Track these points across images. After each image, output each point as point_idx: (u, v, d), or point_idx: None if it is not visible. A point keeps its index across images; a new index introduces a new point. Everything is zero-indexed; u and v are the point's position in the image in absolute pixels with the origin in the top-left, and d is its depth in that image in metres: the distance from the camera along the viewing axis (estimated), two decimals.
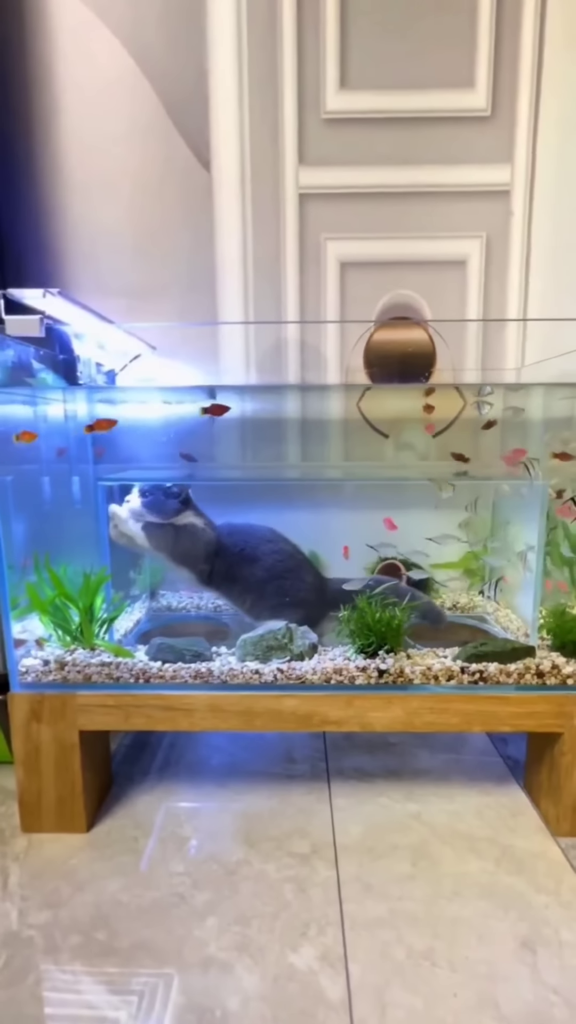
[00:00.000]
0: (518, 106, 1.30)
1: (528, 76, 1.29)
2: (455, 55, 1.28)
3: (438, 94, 1.30)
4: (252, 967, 0.72)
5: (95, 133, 1.31)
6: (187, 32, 1.28)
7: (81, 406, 1.14)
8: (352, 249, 1.36)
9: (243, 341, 1.41)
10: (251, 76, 1.30)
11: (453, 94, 1.30)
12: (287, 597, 1.07)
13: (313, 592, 1.10)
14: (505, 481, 1.14)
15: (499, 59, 1.28)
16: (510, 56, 1.28)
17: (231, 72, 1.30)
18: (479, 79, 1.30)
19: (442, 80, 1.29)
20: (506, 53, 1.28)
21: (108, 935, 0.77)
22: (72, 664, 0.94)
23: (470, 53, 1.28)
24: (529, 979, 0.70)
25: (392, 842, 0.93)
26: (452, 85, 1.30)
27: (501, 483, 1.13)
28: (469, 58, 1.28)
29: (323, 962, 0.73)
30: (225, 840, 0.94)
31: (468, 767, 1.13)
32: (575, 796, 0.93)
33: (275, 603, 1.07)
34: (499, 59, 1.28)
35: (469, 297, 1.38)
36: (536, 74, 1.29)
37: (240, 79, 1.30)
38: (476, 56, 1.28)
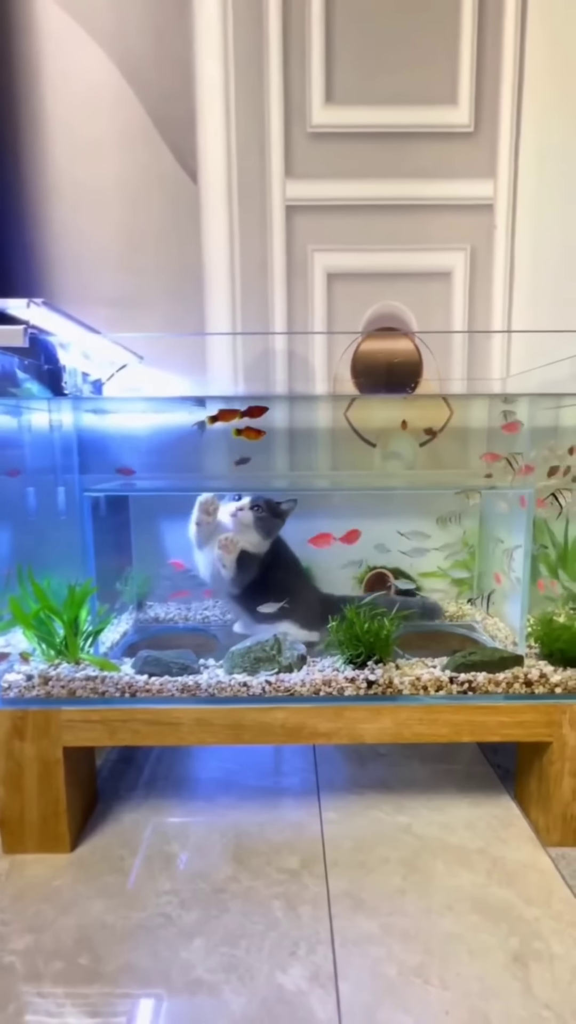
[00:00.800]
0: (500, 123, 1.33)
1: (509, 94, 1.32)
2: (438, 72, 1.31)
3: (422, 110, 1.32)
4: (240, 989, 0.70)
5: (80, 142, 1.31)
6: (173, 44, 1.29)
7: (67, 416, 1.12)
8: (339, 260, 1.37)
9: (231, 351, 1.41)
10: (237, 89, 1.31)
11: (436, 110, 1.32)
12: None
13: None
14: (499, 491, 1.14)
15: (481, 77, 1.31)
16: (492, 74, 1.31)
17: (217, 85, 1.31)
18: (462, 96, 1.32)
19: (426, 96, 1.32)
20: (488, 71, 1.31)
21: (92, 959, 0.74)
22: (56, 679, 0.93)
23: (452, 71, 1.31)
24: (521, 994, 0.70)
25: (383, 855, 0.92)
26: (435, 101, 1.32)
27: (499, 500, 1.13)
28: (452, 75, 1.31)
29: (313, 982, 0.71)
30: (213, 857, 0.92)
31: (458, 777, 1.13)
32: (564, 805, 0.93)
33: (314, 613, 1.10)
34: (481, 77, 1.31)
35: (454, 308, 1.40)
36: (517, 92, 1.32)
37: (226, 92, 1.31)
38: (458, 73, 1.31)
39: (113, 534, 1.27)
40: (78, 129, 1.31)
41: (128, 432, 1.25)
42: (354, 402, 1.31)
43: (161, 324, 1.37)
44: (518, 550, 1.04)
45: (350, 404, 1.30)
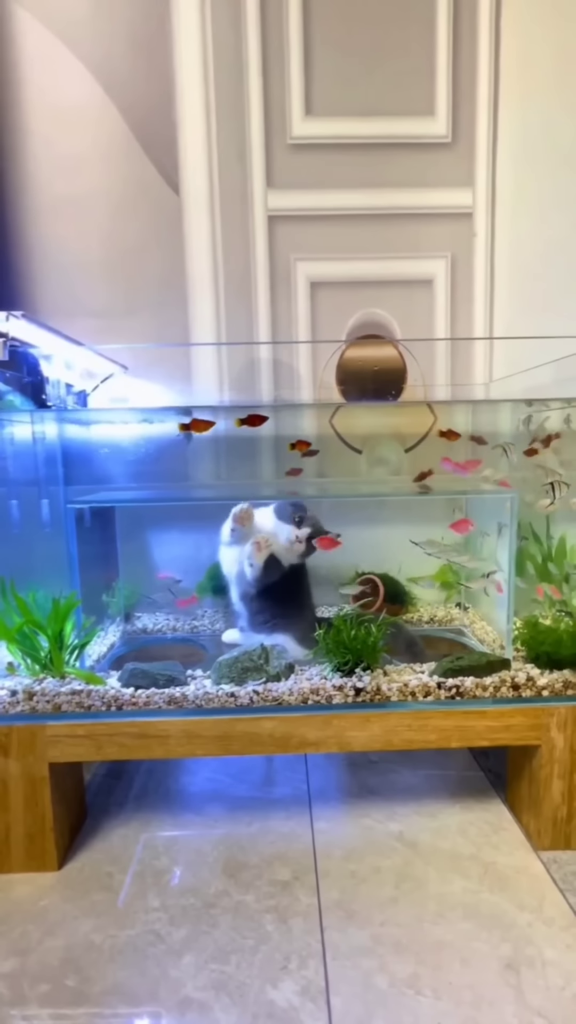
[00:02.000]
0: (477, 133, 1.36)
1: (485, 104, 1.34)
2: (415, 84, 1.33)
3: (400, 121, 1.34)
4: (230, 1007, 0.69)
5: (62, 156, 1.32)
6: (153, 58, 1.30)
7: (50, 428, 1.12)
8: (321, 269, 1.38)
9: (216, 360, 1.41)
10: (218, 102, 1.32)
11: (414, 121, 1.35)
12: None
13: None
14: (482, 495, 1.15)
15: (457, 88, 1.33)
16: (467, 85, 1.33)
17: (198, 98, 1.32)
18: (439, 107, 1.34)
19: (403, 108, 1.34)
20: (464, 82, 1.33)
21: (79, 980, 0.73)
22: (41, 694, 0.91)
23: (429, 82, 1.33)
24: (513, 1002, 0.69)
25: (375, 865, 0.92)
26: (413, 112, 1.34)
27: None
28: (429, 87, 1.33)
29: (304, 997, 0.70)
30: (203, 871, 0.91)
31: (450, 783, 1.13)
32: (555, 808, 0.93)
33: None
34: (457, 88, 1.33)
35: (437, 315, 1.42)
36: (493, 102, 1.34)
37: (207, 105, 1.32)
38: (435, 85, 1.33)
39: (99, 546, 1.26)
40: (60, 143, 1.31)
41: (113, 443, 1.25)
42: (339, 409, 1.31)
43: (145, 335, 1.37)
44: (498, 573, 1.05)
45: (335, 411, 1.31)
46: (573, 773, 0.92)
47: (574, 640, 0.95)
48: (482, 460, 1.13)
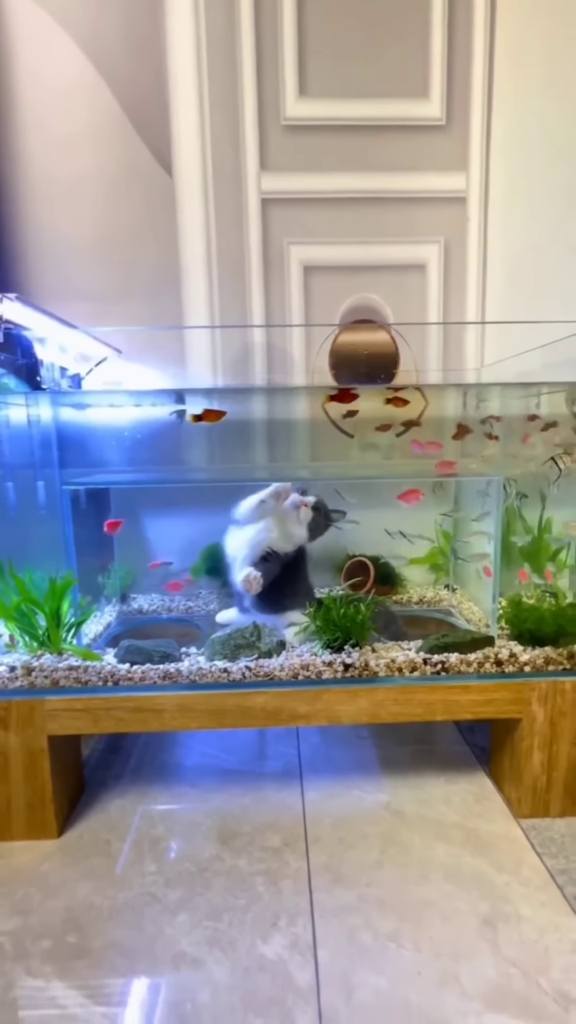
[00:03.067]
0: (471, 117, 1.35)
1: (480, 88, 1.34)
2: (410, 66, 1.32)
3: (394, 103, 1.34)
4: (223, 960, 0.73)
5: (54, 137, 1.31)
6: (146, 38, 1.29)
7: (45, 411, 1.13)
8: (315, 254, 1.39)
9: (210, 344, 1.42)
10: (211, 83, 1.31)
11: (409, 103, 1.34)
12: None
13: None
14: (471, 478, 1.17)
15: (452, 71, 1.33)
16: (462, 68, 1.33)
17: (191, 79, 1.31)
18: (433, 90, 1.34)
19: (398, 90, 1.33)
20: (458, 65, 1.32)
21: (79, 937, 0.77)
22: (39, 669, 0.94)
23: (424, 64, 1.32)
24: (490, 954, 0.73)
25: (362, 831, 0.96)
26: (408, 95, 1.34)
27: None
28: (423, 69, 1.33)
29: (292, 950, 0.74)
30: (198, 838, 0.95)
31: (437, 756, 1.17)
32: (534, 778, 0.97)
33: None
34: (452, 71, 1.33)
35: (429, 300, 1.43)
36: (487, 87, 1.34)
37: (200, 86, 1.31)
38: (430, 67, 1.33)
39: (94, 528, 1.28)
40: (52, 123, 1.30)
41: (108, 426, 1.26)
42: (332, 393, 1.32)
43: (139, 318, 1.38)
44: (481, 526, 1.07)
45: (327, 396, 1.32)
46: (552, 745, 0.96)
47: (556, 618, 0.98)
48: (442, 444, 1.15)
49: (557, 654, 0.97)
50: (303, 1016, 0.66)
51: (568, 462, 1.05)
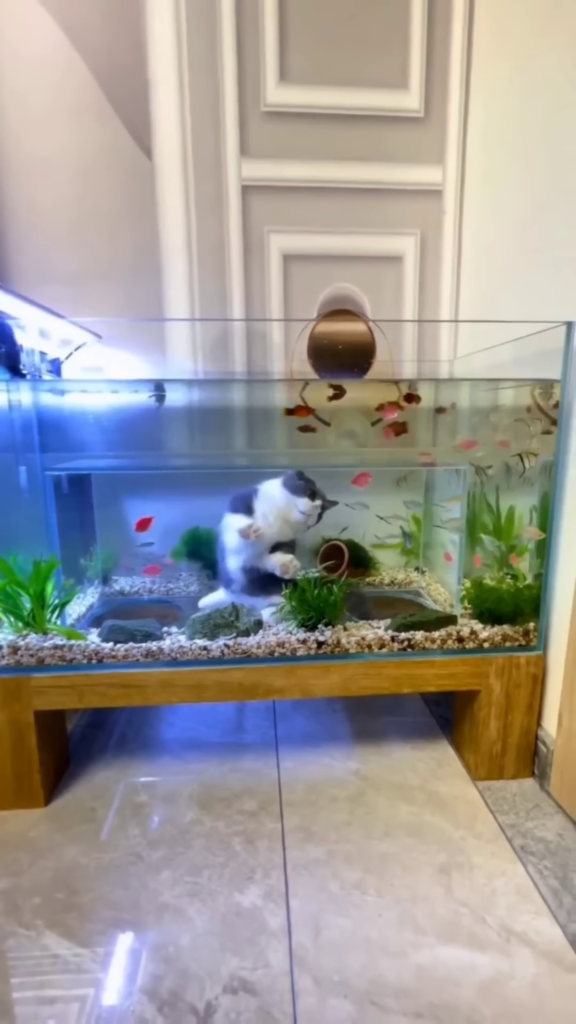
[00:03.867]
0: (449, 110, 1.38)
1: (457, 81, 1.36)
2: (390, 56, 1.33)
3: (374, 93, 1.35)
4: (202, 909, 0.80)
5: (29, 112, 1.28)
6: (124, 14, 1.27)
7: (26, 396, 1.14)
8: (294, 242, 1.41)
9: (190, 330, 1.43)
10: (191, 64, 1.30)
11: (388, 94, 1.36)
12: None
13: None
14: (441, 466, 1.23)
15: (431, 63, 1.34)
16: (441, 61, 1.35)
17: (170, 59, 1.30)
18: (412, 81, 1.36)
19: (378, 80, 1.34)
20: (437, 58, 1.34)
21: (68, 894, 0.83)
22: (25, 648, 0.98)
23: (404, 55, 1.34)
24: (443, 897, 0.82)
25: (332, 795, 1.03)
26: (387, 85, 1.35)
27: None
28: (403, 60, 1.34)
29: (267, 899, 0.82)
30: (179, 804, 1.01)
31: (404, 727, 1.25)
32: (491, 744, 1.06)
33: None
34: (431, 63, 1.34)
35: (406, 291, 1.46)
36: (465, 80, 1.36)
37: (180, 66, 1.30)
38: (409, 59, 1.34)
39: (76, 512, 1.31)
40: (26, 98, 1.28)
41: (88, 411, 1.28)
42: (309, 383, 1.36)
43: (118, 303, 1.38)
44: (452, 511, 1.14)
45: (305, 385, 1.36)
46: (507, 714, 1.05)
47: (513, 598, 1.05)
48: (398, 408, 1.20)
49: (514, 631, 1.05)
50: (275, 954, 0.73)
51: (533, 461, 1.12)
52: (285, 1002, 0.67)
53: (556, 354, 1.00)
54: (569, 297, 1.01)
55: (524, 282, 1.21)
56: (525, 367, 1.17)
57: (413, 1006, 0.67)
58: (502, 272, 1.34)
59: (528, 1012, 0.66)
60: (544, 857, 0.89)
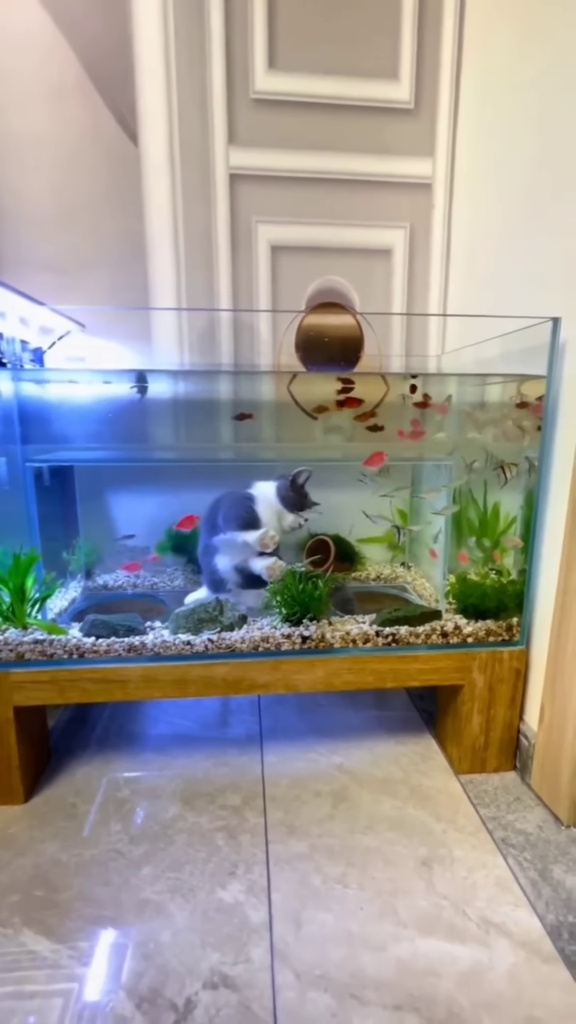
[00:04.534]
0: (439, 102, 1.37)
1: (448, 73, 1.35)
2: (380, 45, 1.32)
3: (364, 83, 1.33)
4: (184, 905, 0.80)
5: (9, 93, 1.25)
6: None
7: (6, 385, 1.12)
8: (282, 233, 1.39)
9: (176, 321, 1.41)
10: (178, 47, 1.27)
11: (379, 84, 1.34)
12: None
13: None
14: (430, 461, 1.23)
15: (422, 54, 1.33)
16: (432, 52, 1.33)
17: (157, 41, 1.27)
18: (403, 72, 1.34)
19: (368, 69, 1.33)
20: (428, 48, 1.33)
21: (47, 891, 0.82)
22: (4, 643, 0.96)
23: (394, 46, 1.32)
24: (424, 890, 0.82)
25: (316, 789, 1.03)
26: (378, 75, 1.33)
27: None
28: (394, 50, 1.32)
29: (249, 894, 0.81)
30: (162, 800, 1.00)
31: (388, 722, 1.25)
32: (473, 739, 1.06)
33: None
34: (422, 54, 1.33)
35: (394, 285, 1.46)
36: (456, 72, 1.35)
37: (166, 49, 1.27)
38: (400, 48, 1.32)
39: (58, 505, 1.28)
40: (6, 80, 1.24)
41: (71, 402, 1.25)
42: (296, 376, 1.35)
43: (103, 290, 1.36)
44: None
45: (292, 378, 1.34)
46: (490, 708, 1.05)
47: (497, 593, 1.06)
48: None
49: (497, 626, 1.05)
50: (256, 949, 0.73)
51: (513, 472, 1.13)
52: (265, 997, 0.67)
53: (543, 350, 1.00)
54: (557, 293, 1.01)
55: (512, 277, 1.21)
56: (512, 363, 1.17)
57: (392, 998, 0.67)
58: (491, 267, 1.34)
59: (506, 1002, 0.67)
60: (524, 849, 0.90)
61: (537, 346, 1.02)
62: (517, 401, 1.14)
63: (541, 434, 1.00)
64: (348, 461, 1.44)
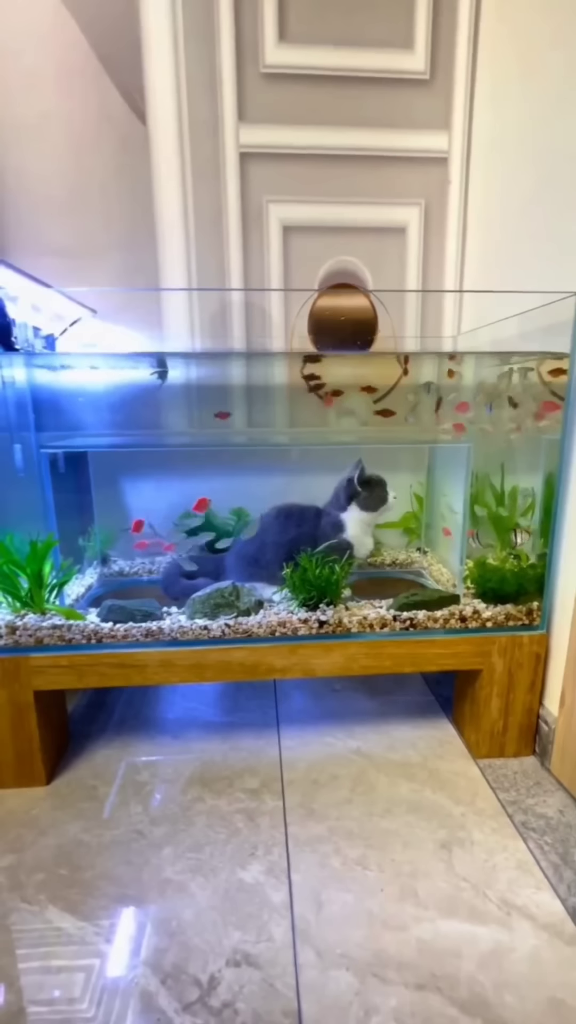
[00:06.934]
0: (455, 71, 1.32)
1: (465, 41, 1.30)
2: (394, 14, 1.27)
3: (377, 54, 1.29)
4: (205, 885, 0.80)
5: (17, 73, 1.23)
6: None
7: (19, 372, 1.11)
8: (294, 213, 1.36)
9: (187, 303, 1.40)
10: (186, 21, 1.24)
11: (392, 55, 1.30)
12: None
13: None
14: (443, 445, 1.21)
15: (437, 21, 1.28)
16: (448, 20, 1.28)
17: (164, 16, 1.24)
18: (418, 40, 1.30)
19: (381, 39, 1.28)
20: (444, 16, 1.28)
21: (71, 870, 0.83)
22: (23, 628, 0.97)
23: (409, 14, 1.27)
24: (444, 872, 0.82)
25: (333, 773, 1.03)
26: (391, 45, 1.29)
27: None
28: (408, 19, 1.28)
29: (269, 875, 0.82)
30: (181, 782, 1.01)
31: (405, 707, 1.25)
32: (492, 723, 1.05)
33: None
34: (437, 21, 1.28)
35: (409, 264, 1.42)
36: (472, 40, 1.30)
37: (174, 25, 1.24)
38: (415, 17, 1.28)
39: (73, 492, 1.28)
40: (14, 60, 1.22)
41: (85, 388, 1.25)
42: (309, 359, 1.33)
43: (113, 275, 1.34)
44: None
45: (306, 361, 1.33)
46: (509, 693, 1.04)
47: (516, 578, 1.04)
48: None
49: (517, 611, 1.04)
50: (278, 928, 0.74)
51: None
52: (288, 974, 0.68)
53: (565, 327, 0.97)
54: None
55: (531, 253, 1.17)
56: (532, 341, 1.13)
57: (415, 978, 0.67)
58: (508, 243, 1.30)
59: (528, 983, 0.67)
60: (545, 833, 0.89)
61: (559, 323, 0.99)
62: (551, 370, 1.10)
63: (563, 412, 0.98)
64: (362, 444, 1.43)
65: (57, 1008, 0.64)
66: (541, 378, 1.27)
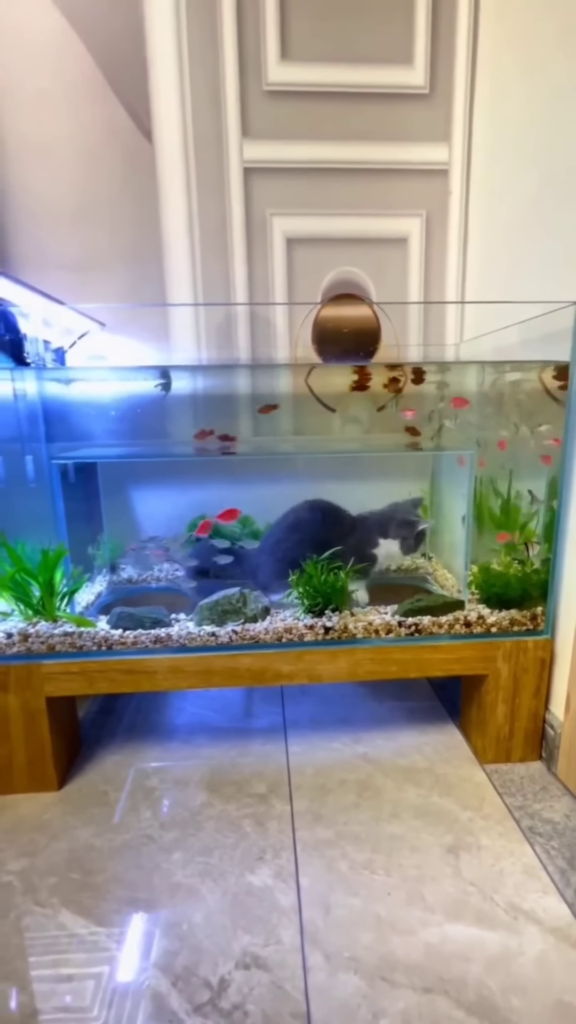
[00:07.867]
0: (454, 85, 1.34)
1: (464, 56, 1.33)
2: (393, 31, 1.30)
3: (378, 70, 1.32)
4: (214, 888, 0.82)
5: (26, 94, 1.26)
6: None
7: (31, 385, 1.14)
8: (297, 225, 1.39)
9: (193, 315, 1.42)
10: (191, 42, 1.28)
11: (392, 70, 1.32)
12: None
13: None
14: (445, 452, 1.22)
15: (436, 37, 1.31)
16: (447, 35, 1.31)
17: (170, 37, 1.27)
18: (417, 56, 1.32)
19: (381, 56, 1.31)
20: (443, 32, 1.31)
21: (83, 874, 0.84)
22: (35, 636, 0.99)
23: (408, 30, 1.30)
24: (452, 877, 0.83)
25: (341, 778, 1.04)
26: (391, 61, 1.32)
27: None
28: (407, 35, 1.30)
29: (277, 879, 0.83)
30: (190, 788, 1.02)
31: (411, 712, 1.26)
32: (498, 728, 1.06)
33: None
34: (436, 37, 1.31)
35: (411, 274, 1.44)
36: (471, 55, 1.33)
37: (179, 45, 1.28)
38: (414, 33, 1.30)
39: (83, 501, 1.31)
40: (24, 80, 1.26)
41: (93, 400, 1.28)
42: (314, 369, 1.35)
43: (120, 288, 1.37)
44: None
45: (310, 371, 1.35)
46: (515, 698, 1.05)
47: (521, 583, 1.05)
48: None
49: (521, 616, 1.05)
50: (287, 931, 0.75)
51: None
52: (297, 977, 0.69)
53: (565, 335, 0.98)
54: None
55: (532, 262, 1.19)
56: (533, 350, 1.15)
57: (422, 981, 0.68)
58: (509, 253, 1.32)
59: (536, 987, 0.67)
60: (552, 838, 0.90)
61: (558, 331, 1.00)
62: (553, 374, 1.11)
63: (565, 419, 0.99)
64: (367, 452, 1.44)
65: (69, 1010, 0.66)
66: (543, 383, 1.28)
